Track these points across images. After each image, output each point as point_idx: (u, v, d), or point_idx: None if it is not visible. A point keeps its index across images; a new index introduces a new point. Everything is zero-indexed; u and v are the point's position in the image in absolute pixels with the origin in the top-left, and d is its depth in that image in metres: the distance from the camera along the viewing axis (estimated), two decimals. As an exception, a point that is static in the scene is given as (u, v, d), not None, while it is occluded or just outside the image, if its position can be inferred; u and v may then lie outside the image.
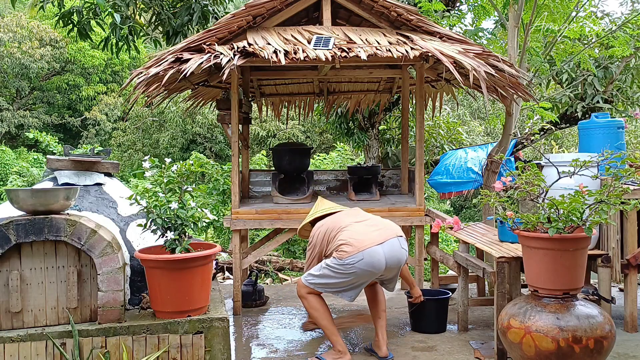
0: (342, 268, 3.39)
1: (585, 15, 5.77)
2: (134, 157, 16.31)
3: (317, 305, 3.52)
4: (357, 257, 3.36)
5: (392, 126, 8.13)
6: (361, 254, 3.37)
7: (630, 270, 3.93)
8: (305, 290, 3.54)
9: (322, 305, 3.54)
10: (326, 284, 3.47)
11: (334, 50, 4.09)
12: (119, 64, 19.42)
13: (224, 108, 4.74)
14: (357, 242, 3.41)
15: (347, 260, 3.37)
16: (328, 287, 3.48)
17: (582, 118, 6.81)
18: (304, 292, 3.55)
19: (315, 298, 3.53)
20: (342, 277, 3.41)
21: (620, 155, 3.25)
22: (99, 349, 3.04)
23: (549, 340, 2.77)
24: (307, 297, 3.54)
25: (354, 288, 3.48)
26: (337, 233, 3.54)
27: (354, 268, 3.37)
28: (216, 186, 7.15)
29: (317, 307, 3.52)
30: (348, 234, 3.48)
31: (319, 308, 3.52)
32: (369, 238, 3.45)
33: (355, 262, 3.36)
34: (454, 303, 4.45)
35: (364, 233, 3.49)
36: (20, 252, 3.12)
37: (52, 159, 3.96)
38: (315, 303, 3.53)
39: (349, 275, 3.40)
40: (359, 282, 3.46)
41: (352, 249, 3.38)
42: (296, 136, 15.27)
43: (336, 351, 3.52)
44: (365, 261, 3.37)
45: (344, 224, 3.58)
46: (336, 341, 3.52)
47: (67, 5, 6.81)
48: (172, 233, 3.28)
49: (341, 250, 3.41)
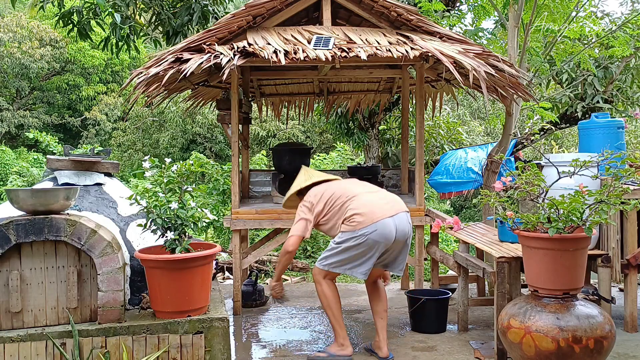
0: (355, 239, 3.39)
1: (585, 15, 5.76)
2: (134, 157, 16.31)
3: (329, 292, 3.53)
4: (370, 228, 3.38)
5: (392, 126, 8.13)
6: (374, 225, 3.38)
7: (630, 270, 3.93)
8: (321, 274, 3.54)
9: (334, 294, 3.55)
10: (340, 260, 3.46)
11: (334, 50, 4.09)
12: (119, 64, 19.41)
13: (224, 108, 4.74)
14: (370, 213, 3.41)
15: (361, 231, 3.38)
16: (342, 263, 3.47)
17: (582, 118, 6.81)
18: (319, 277, 3.55)
19: (330, 285, 3.54)
20: (354, 249, 3.41)
21: (620, 155, 3.25)
22: (99, 349, 3.04)
23: (549, 340, 2.77)
24: (322, 283, 3.54)
25: (366, 261, 3.45)
26: (346, 201, 3.51)
27: (367, 239, 3.38)
28: (216, 186, 7.15)
29: (329, 294, 3.53)
30: (360, 203, 3.47)
31: (330, 295, 3.53)
32: (381, 210, 3.45)
33: (369, 233, 3.37)
34: (454, 303, 4.45)
35: (376, 205, 3.49)
36: (20, 252, 3.12)
37: (52, 159, 3.96)
38: (328, 290, 3.53)
39: (361, 247, 3.40)
40: (370, 254, 3.44)
41: (366, 219, 3.38)
42: (296, 136, 15.26)
43: (339, 344, 3.54)
44: (379, 232, 3.38)
45: (353, 193, 3.55)
46: (340, 333, 3.54)
47: (67, 5, 6.81)
48: (172, 233, 3.28)
49: (354, 221, 3.40)
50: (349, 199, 3.52)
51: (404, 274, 5.64)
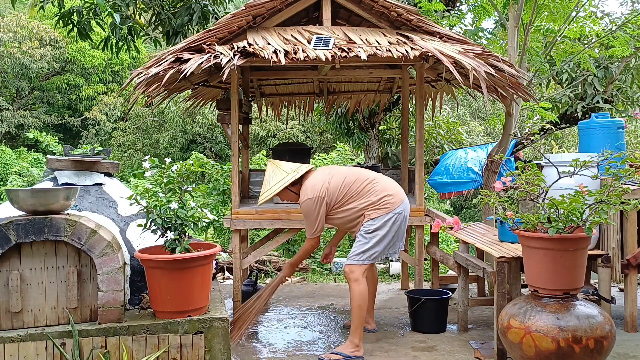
0: (393, 219, 3.53)
1: (585, 15, 5.76)
2: (134, 157, 16.30)
3: (366, 293, 3.58)
4: (401, 207, 3.58)
5: (392, 126, 8.13)
6: (403, 204, 3.61)
7: (630, 270, 3.93)
8: (361, 271, 3.54)
9: (368, 294, 3.64)
10: (382, 247, 3.55)
11: (334, 50, 4.09)
12: (119, 64, 19.40)
13: (224, 108, 4.74)
14: (397, 194, 3.62)
15: (396, 210, 3.54)
16: (384, 249, 3.56)
17: (582, 118, 6.81)
18: (358, 274, 3.53)
19: (366, 284, 3.58)
20: (392, 230, 3.54)
21: (620, 155, 3.25)
22: (99, 349, 3.04)
23: (549, 340, 2.77)
24: (361, 281, 3.54)
25: (401, 238, 3.65)
26: (368, 184, 3.59)
27: (401, 217, 3.56)
28: (216, 186, 7.15)
29: (366, 294, 3.58)
30: (385, 185, 3.62)
31: (366, 296, 3.59)
32: (401, 191, 3.69)
33: (402, 211, 3.57)
34: (454, 303, 4.45)
35: (396, 187, 3.70)
36: (20, 252, 3.12)
37: (52, 159, 3.96)
38: (365, 289, 3.57)
39: (397, 226, 3.55)
40: (400, 233, 3.62)
41: (397, 199, 3.57)
42: (296, 136, 15.26)
43: (354, 345, 3.57)
44: (406, 211, 3.63)
45: (370, 176, 3.67)
46: (359, 334, 3.59)
47: (67, 5, 6.81)
48: (172, 233, 3.28)
49: (387, 203, 3.54)
50: (370, 182, 3.62)
51: (403, 274, 5.65)
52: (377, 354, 3.72)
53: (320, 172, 3.71)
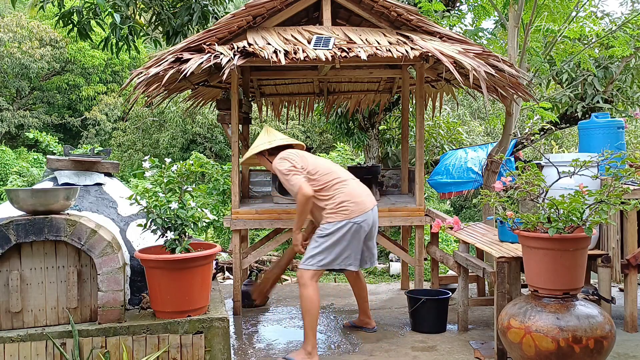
0: (347, 227, 3.41)
1: (585, 15, 5.76)
2: (134, 157, 16.30)
3: (315, 297, 3.48)
4: (362, 217, 3.44)
5: (392, 126, 8.13)
6: (366, 214, 3.47)
7: (630, 270, 3.93)
8: (308, 275, 3.45)
9: (318, 298, 3.51)
10: (333, 254, 3.43)
11: (334, 50, 4.09)
12: (119, 64, 19.40)
13: (224, 108, 4.74)
14: (362, 203, 3.49)
15: (353, 220, 3.41)
16: (335, 257, 3.44)
17: (582, 118, 6.81)
18: (306, 279, 3.46)
19: (316, 288, 3.50)
20: (346, 238, 3.42)
21: (620, 155, 3.25)
22: (99, 349, 3.04)
23: (549, 340, 2.77)
24: (309, 285, 3.46)
25: (357, 251, 3.50)
26: (336, 183, 3.51)
27: (359, 227, 3.43)
28: (216, 186, 7.15)
29: (315, 298, 3.48)
30: (351, 190, 3.52)
31: (315, 300, 3.48)
32: (368, 200, 3.55)
33: (362, 222, 3.44)
34: (454, 303, 4.45)
35: (364, 194, 3.57)
36: (20, 252, 3.12)
37: (52, 159, 3.96)
38: (314, 293, 3.48)
39: (352, 235, 3.42)
40: (358, 245, 3.49)
41: (358, 208, 3.45)
42: (296, 136, 15.27)
43: (307, 352, 3.48)
44: (368, 222, 3.48)
45: (341, 177, 3.57)
46: (312, 341, 3.48)
47: (67, 5, 6.80)
48: (172, 233, 3.28)
49: (347, 209, 3.44)
50: (340, 182, 3.50)
51: (404, 274, 5.65)
52: (377, 354, 3.72)
53: (296, 150, 3.69)
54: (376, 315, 4.64)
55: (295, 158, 3.57)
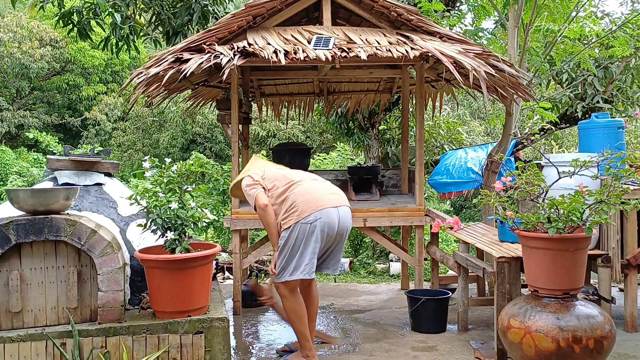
0: (298, 229, 3.24)
1: (585, 15, 5.76)
2: (134, 157, 16.29)
3: (297, 307, 3.38)
4: (314, 216, 3.24)
5: (392, 126, 8.12)
6: (319, 212, 3.25)
7: (630, 270, 3.93)
8: (284, 287, 3.35)
9: (302, 306, 3.41)
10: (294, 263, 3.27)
11: (334, 50, 4.09)
12: (119, 64, 19.39)
13: (224, 108, 4.74)
14: (314, 201, 3.28)
15: (307, 218, 3.23)
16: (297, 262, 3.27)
17: (582, 118, 6.81)
18: (282, 290, 3.37)
19: (297, 298, 3.39)
20: (300, 239, 3.24)
21: (620, 155, 3.25)
22: (99, 349, 3.04)
23: (549, 340, 2.77)
24: (288, 297, 3.36)
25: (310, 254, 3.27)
26: (290, 187, 3.35)
27: (312, 227, 3.24)
28: (216, 186, 7.15)
29: (297, 309, 3.38)
30: (302, 190, 3.33)
31: (299, 310, 3.39)
32: (326, 199, 3.33)
33: (314, 221, 3.23)
34: (454, 303, 4.45)
35: (321, 193, 3.35)
36: (20, 252, 3.12)
37: (52, 159, 3.96)
38: (296, 304, 3.38)
39: (307, 236, 3.24)
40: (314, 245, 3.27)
41: (309, 207, 3.25)
42: (296, 136, 15.26)
43: (304, 355, 3.45)
44: (323, 220, 3.25)
45: (297, 178, 3.41)
46: (307, 345, 3.43)
47: (67, 5, 6.80)
48: (172, 233, 3.28)
49: (296, 210, 3.25)
50: (293, 183, 3.37)
51: (404, 274, 5.65)
52: (377, 354, 3.72)
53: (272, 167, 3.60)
54: (376, 315, 4.64)
55: (257, 172, 3.50)
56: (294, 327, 3.46)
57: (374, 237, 4.82)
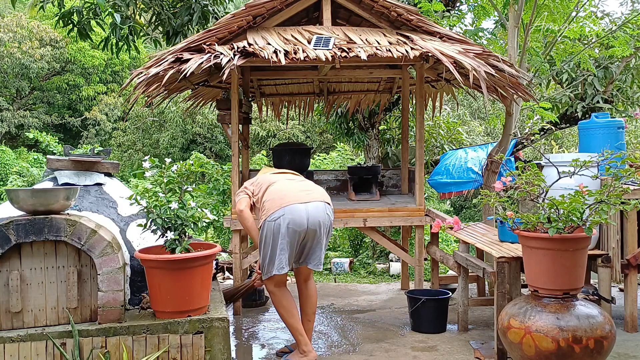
0: (266, 226, 3.36)
1: (585, 15, 5.76)
2: (134, 157, 16.30)
3: (284, 301, 3.49)
4: (278, 213, 3.32)
5: (392, 126, 8.12)
6: (282, 209, 3.32)
7: (630, 270, 3.93)
8: (269, 283, 3.48)
9: (289, 301, 3.50)
10: (268, 259, 3.41)
11: (334, 50, 4.09)
12: (119, 64, 19.39)
13: (224, 108, 4.74)
14: (279, 199, 3.37)
15: (273, 215, 3.34)
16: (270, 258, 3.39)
17: (582, 118, 6.81)
18: (269, 287, 3.51)
19: (284, 293, 3.50)
20: (270, 237, 3.35)
21: (620, 155, 3.25)
22: (99, 349, 3.04)
23: (549, 340, 2.77)
24: (275, 292, 3.49)
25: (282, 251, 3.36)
26: (267, 188, 3.48)
27: (277, 224, 3.32)
28: (216, 186, 7.15)
29: (285, 303, 3.49)
30: (273, 189, 3.45)
31: (286, 304, 3.49)
32: (294, 196, 3.39)
33: (277, 218, 3.32)
34: (454, 303, 4.45)
35: (289, 191, 3.43)
36: (20, 252, 3.12)
37: (52, 159, 3.96)
38: (283, 298, 3.49)
39: (275, 234, 3.33)
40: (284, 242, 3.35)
41: (276, 204, 3.35)
42: (296, 136, 15.26)
43: (301, 351, 3.49)
44: (287, 217, 3.31)
45: (274, 180, 3.53)
46: (302, 341, 3.48)
47: (67, 5, 6.80)
48: (172, 233, 3.28)
49: (264, 209, 3.39)
50: (269, 185, 3.49)
51: (404, 274, 5.65)
52: (377, 354, 3.73)
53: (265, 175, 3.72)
54: (376, 315, 4.64)
55: (253, 180, 3.65)
56: (285, 322, 3.53)
57: (374, 237, 4.82)
